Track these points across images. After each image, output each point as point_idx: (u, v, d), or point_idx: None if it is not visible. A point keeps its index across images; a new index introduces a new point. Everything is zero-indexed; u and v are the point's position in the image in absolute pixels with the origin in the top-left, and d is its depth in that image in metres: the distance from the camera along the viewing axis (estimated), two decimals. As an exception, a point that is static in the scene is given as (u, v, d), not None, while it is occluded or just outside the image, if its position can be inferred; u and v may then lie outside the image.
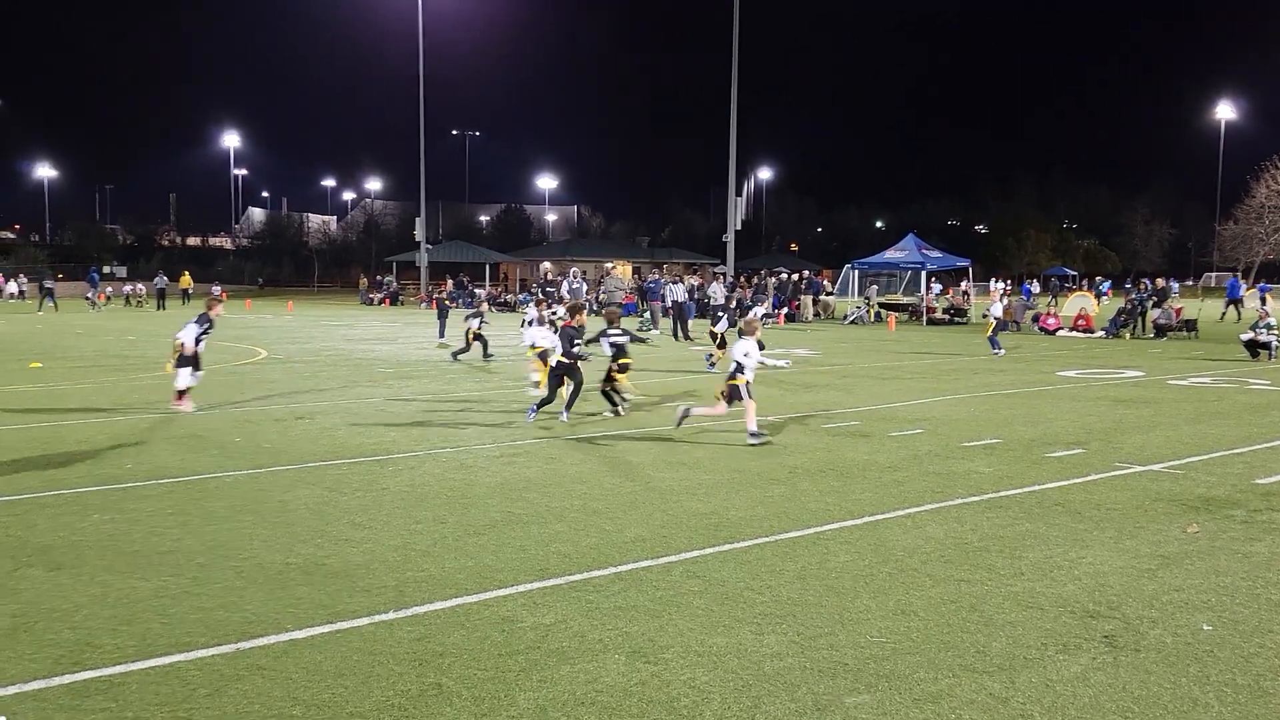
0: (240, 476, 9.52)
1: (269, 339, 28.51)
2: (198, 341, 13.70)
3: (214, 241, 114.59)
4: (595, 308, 37.12)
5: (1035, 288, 52.01)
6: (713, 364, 19.22)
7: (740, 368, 11.60)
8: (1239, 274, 68.16)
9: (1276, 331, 22.68)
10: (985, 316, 27.08)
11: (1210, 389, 16.55)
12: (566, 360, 13.19)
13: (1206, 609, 5.86)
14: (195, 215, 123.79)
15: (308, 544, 7.21)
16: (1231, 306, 40.71)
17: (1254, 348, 22.42)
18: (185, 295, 57.33)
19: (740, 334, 11.97)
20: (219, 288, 50.41)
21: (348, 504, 8.46)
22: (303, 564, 6.74)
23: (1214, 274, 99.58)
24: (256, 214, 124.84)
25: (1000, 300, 27.17)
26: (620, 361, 13.83)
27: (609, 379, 13.81)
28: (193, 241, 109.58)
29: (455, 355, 21.48)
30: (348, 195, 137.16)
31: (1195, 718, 4.46)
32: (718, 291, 33.86)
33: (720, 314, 21.08)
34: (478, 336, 21.09)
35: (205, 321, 13.83)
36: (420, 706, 4.57)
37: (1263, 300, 27.74)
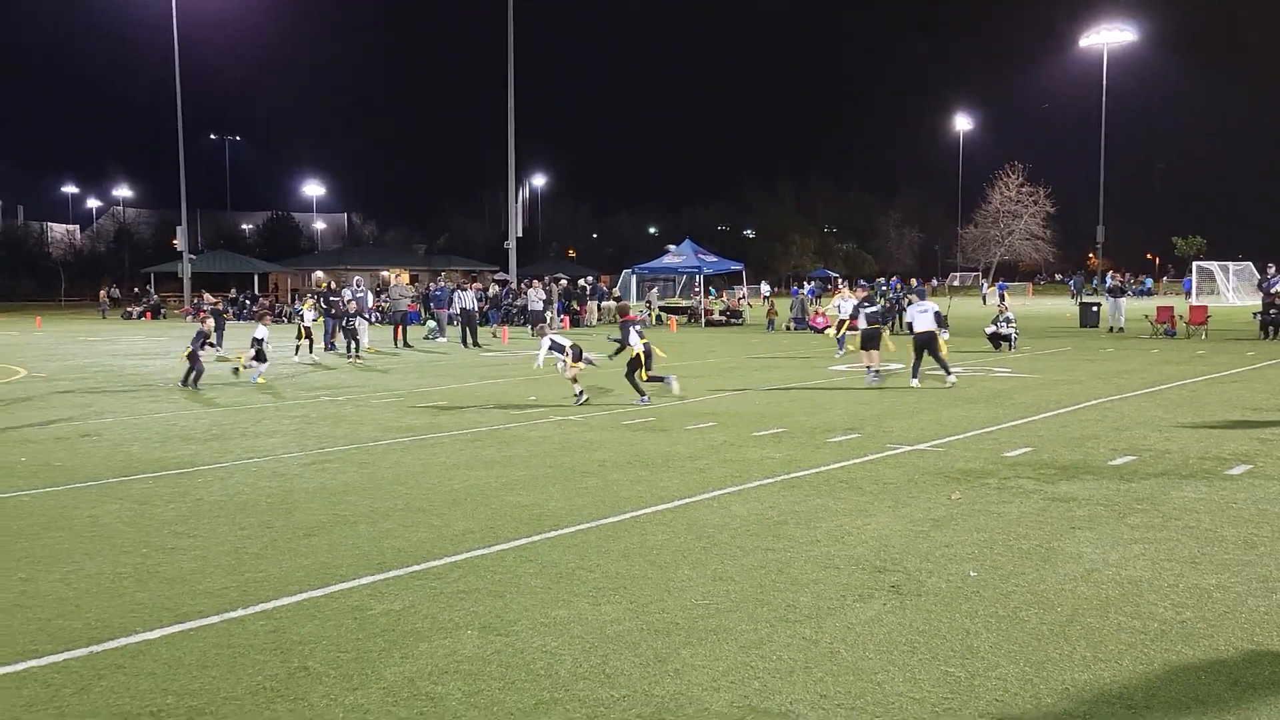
0: (37, 495, 9.21)
1: (24, 356, 26.66)
2: None
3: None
4: (379, 317, 36.65)
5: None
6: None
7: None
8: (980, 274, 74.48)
9: (1015, 325, 25.31)
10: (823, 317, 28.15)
11: (961, 378, 18.37)
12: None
13: (971, 559, 6.85)
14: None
15: (132, 554, 7.18)
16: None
17: (996, 340, 24.92)
18: None
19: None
20: None
21: (164, 515, 8.40)
22: (133, 573, 6.74)
23: (959, 274, 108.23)
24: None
25: (845, 299, 27.40)
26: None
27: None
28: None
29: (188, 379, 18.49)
30: (93, 203, 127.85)
31: (968, 643, 5.32)
32: (535, 297, 34.19)
33: (541, 319, 21.45)
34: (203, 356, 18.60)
35: None
36: (291, 687, 4.84)
37: (1001, 297, 30.71)
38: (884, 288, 41.92)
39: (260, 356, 19.31)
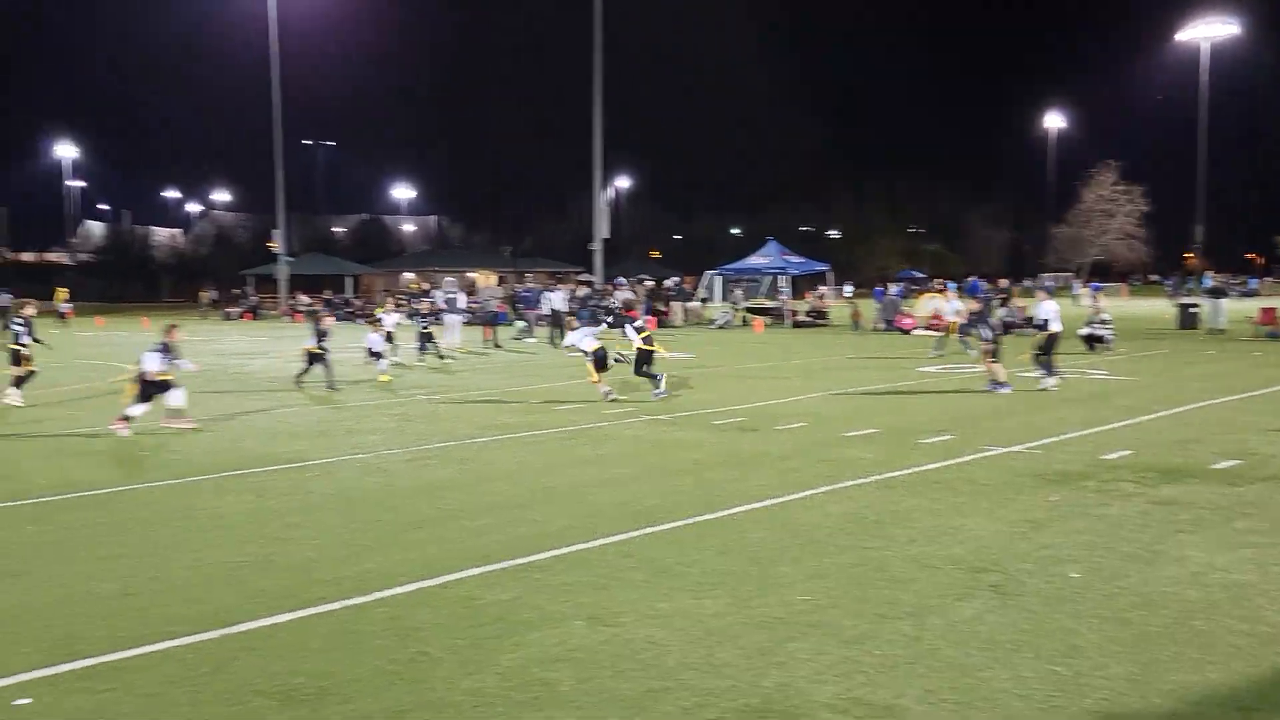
0: (161, 487, 9.68)
1: (134, 356, 27.76)
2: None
3: (50, 257, 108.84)
4: (469, 317, 37.28)
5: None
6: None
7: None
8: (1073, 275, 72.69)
9: (1111, 326, 24.78)
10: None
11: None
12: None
13: (1073, 561, 6.82)
14: (29, 230, 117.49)
15: (252, 544, 7.53)
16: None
17: (1091, 341, 24.42)
18: (59, 314, 48.49)
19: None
20: (5, 296, 47.71)
21: (279, 507, 8.77)
22: (254, 561, 7.08)
23: (1050, 275, 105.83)
24: (95, 227, 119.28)
25: (950, 301, 27.19)
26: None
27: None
28: (27, 257, 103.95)
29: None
30: (193, 207, 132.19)
31: (1073, 643, 5.34)
32: (621, 298, 34.27)
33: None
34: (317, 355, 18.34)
35: (167, 349, 13.38)
36: (412, 670, 5.08)
37: (1095, 299, 30.05)
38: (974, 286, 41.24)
39: (377, 355, 20.02)
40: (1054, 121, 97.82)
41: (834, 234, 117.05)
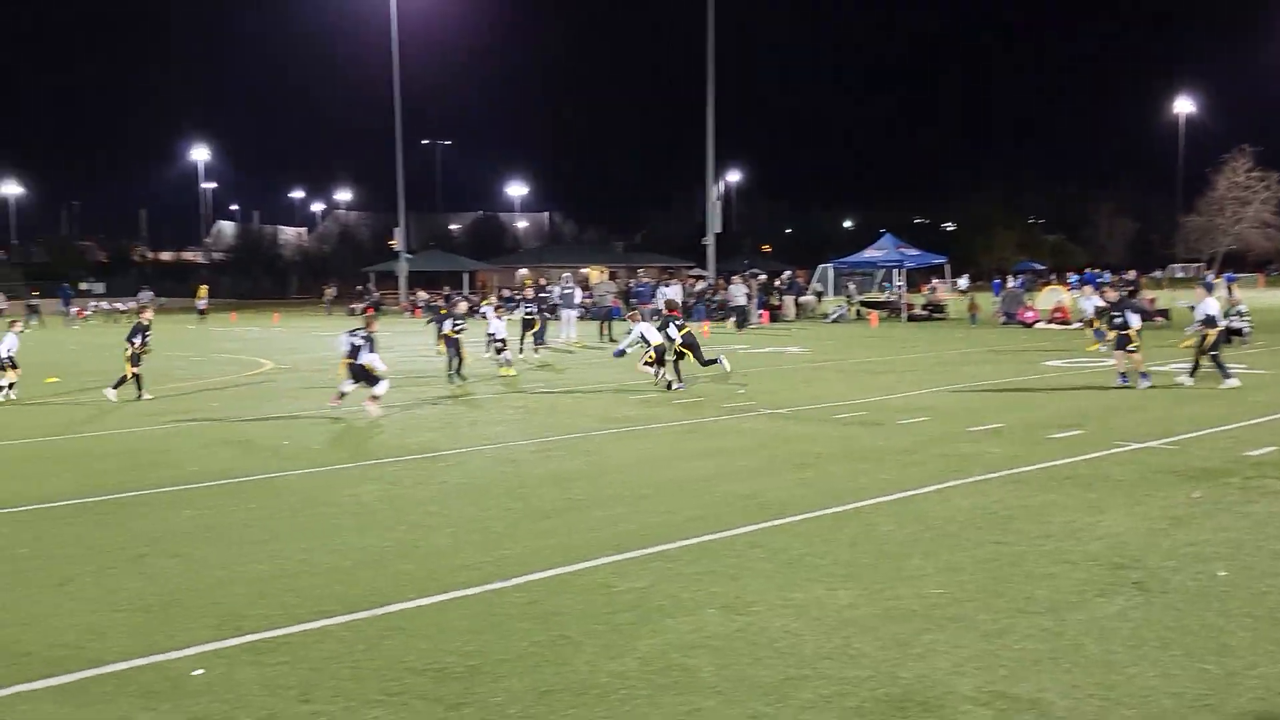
0: (303, 475, 10.12)
1: (268, 350, 28.92)
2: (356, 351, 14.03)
3: (186, 256, 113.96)
4: (587, 311, 37.71)
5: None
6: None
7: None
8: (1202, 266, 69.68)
9: (1248, 318, 23.73)
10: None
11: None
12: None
13: (1219, 559, 6.62)
14: (166, 230, 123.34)
15: (393, 530, 7.83)
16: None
17: (1228, 334, 23.39)
18: (204, 311, 50.22)
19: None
20: (146, 295, 49.86)
21: (415, 495, 9.09)
22: (396, 547, 7.37)
23: (1179, 265, 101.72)
24: (226, 227, 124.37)
25: (1093, 296, 26.51)
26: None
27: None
28: (165, 256, 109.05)
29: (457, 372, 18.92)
30: (316, 207, 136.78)
31: (1223, 641, 5.20)
32: (738, 293, 34.34)
33: (744, 315, 21.98)
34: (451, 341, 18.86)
35: (365, 336, 14.11)
36: (555, 653, 5.24)
37: (1229, 290, 28.81)
38: (1100, 278, 39.96)
39: (499, 349, 20.38)
40: (1184, 107, 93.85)
41: (949, 226, 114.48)
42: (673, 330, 17.11)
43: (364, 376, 14.13)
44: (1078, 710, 4.46)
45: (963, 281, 71.82)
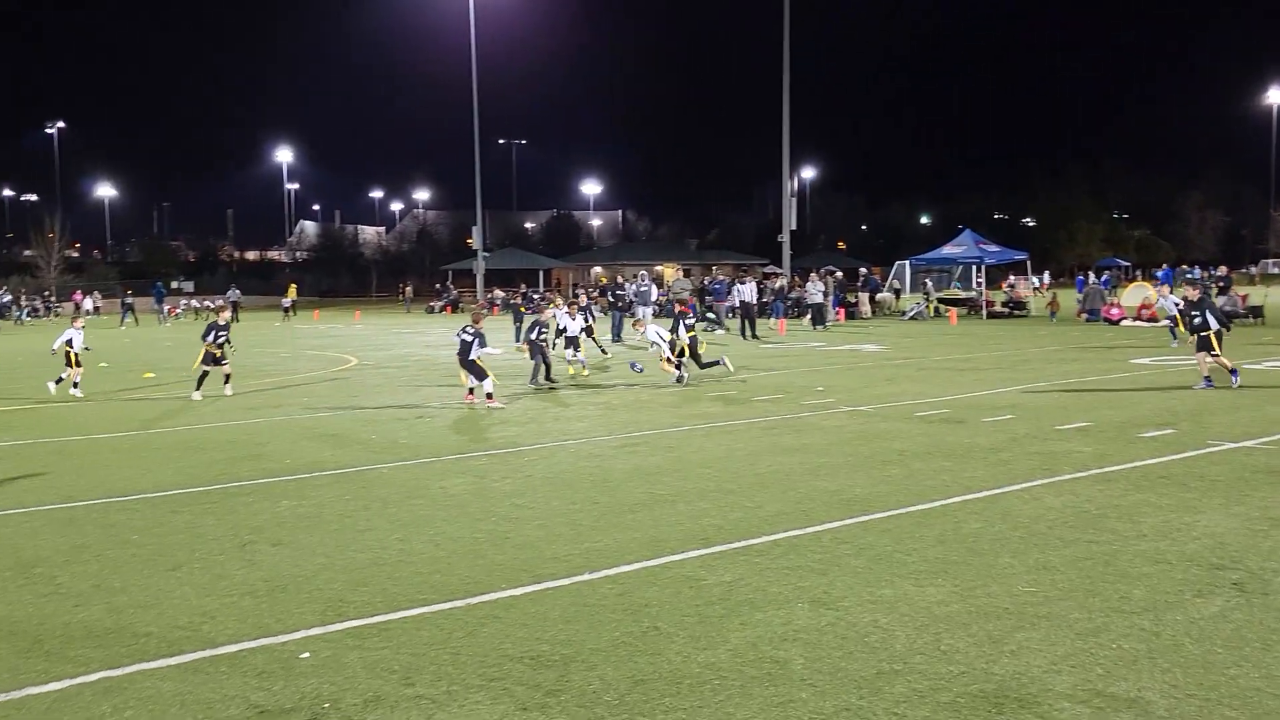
0: (393, 468, 10.37)
1: (352, 347, 29.58)
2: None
3: (270, 255, 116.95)
4: (662, 309, 37.83)
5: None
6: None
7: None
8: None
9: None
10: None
11: (1287, 372, 16.94)
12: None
13: (1322, 561, 6.46)
14: (251, 230, 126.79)
15: (483, 522, 8.01)
16: None
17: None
18: (292, 308, 52.24)
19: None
20: (226, 295, 51.19)
21: (502, 488, 9.27)
22: (487, 538, 7.54)
23: (1271, 260, 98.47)
24: (309, 227, 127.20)
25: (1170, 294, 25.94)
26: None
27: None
28: (250, 255, 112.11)
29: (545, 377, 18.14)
30: (395, 206, 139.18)
31: (1329, 645, 5.09)
32: (815, 290, 34.10)
33: (821, 312, 22.02)
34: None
35: (474, 332, 14.96)
36: (647, 643, 5.33)
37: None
38: (1188, 274, 38.89)
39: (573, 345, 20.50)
40: (1277, 96, 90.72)
41: (1029, 221, 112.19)
42: (682, 329, 17.75)
43: (474, 370, 14.98)
44: (1178, 710, 4.41)
45: (1035, 279, 70.30)
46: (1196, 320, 15.49)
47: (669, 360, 17.49)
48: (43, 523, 8.27)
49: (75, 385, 17.11)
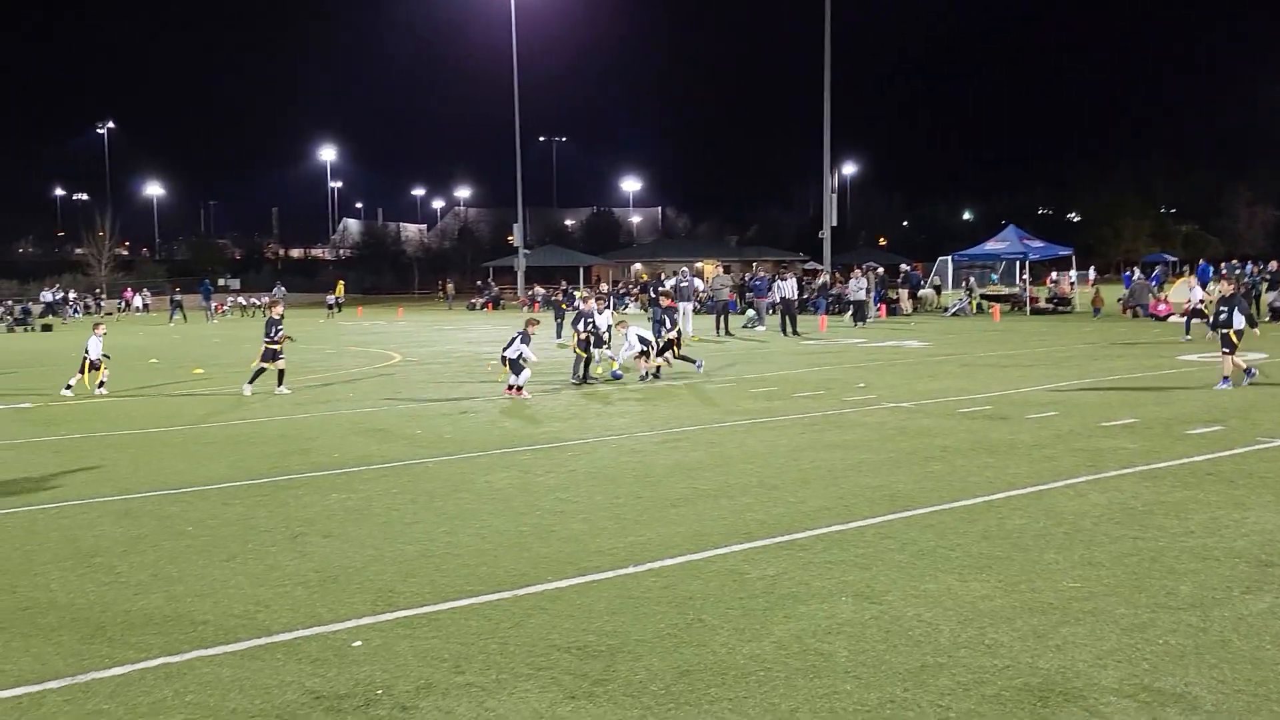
0: (439, 462, 10.52)
1: (395, 344, 29.89)
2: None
3: (314, 252, 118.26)
4: (702, 305, 37.83)
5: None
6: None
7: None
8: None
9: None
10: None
11: (1339, 369, 16.65)
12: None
13: (1374, 558, 6.39)
14: (295, 228, 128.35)
15: (528, 515, 8.11)
16: None
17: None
18: (337, 305, 52.73)
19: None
20: (279, 290, 52.00)
21: (546, 483, 9.37)
22: (533, 531, 7.64)
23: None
24: (353, 225, 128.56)
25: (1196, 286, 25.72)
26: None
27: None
28: (295, 253, 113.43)
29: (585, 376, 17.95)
30: (437, 204, 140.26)
31: (1380, 642, 5.05)
32: (857, 287, 33.92)
33: (863, 309, 22.02)
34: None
35: (522, 335, 15.85)
36: (692, 635, 5.40)
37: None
38: (1238, 270, 38.25)
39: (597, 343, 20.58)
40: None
41: (1073, 217, 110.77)
42: (668, 323, 18.41)
43: (514, 367, 15.62)
44: (1225, 705, 4.41)
45: (1074, 274, 69.30)
46: (1222, 316, 15.20)
47: (644, 355, 17.65)
48: (100, 514, 8.49)
49: (101, 385, 17.25)
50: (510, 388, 15.77)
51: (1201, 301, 25.76)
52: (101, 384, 17.32)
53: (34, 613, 5.99)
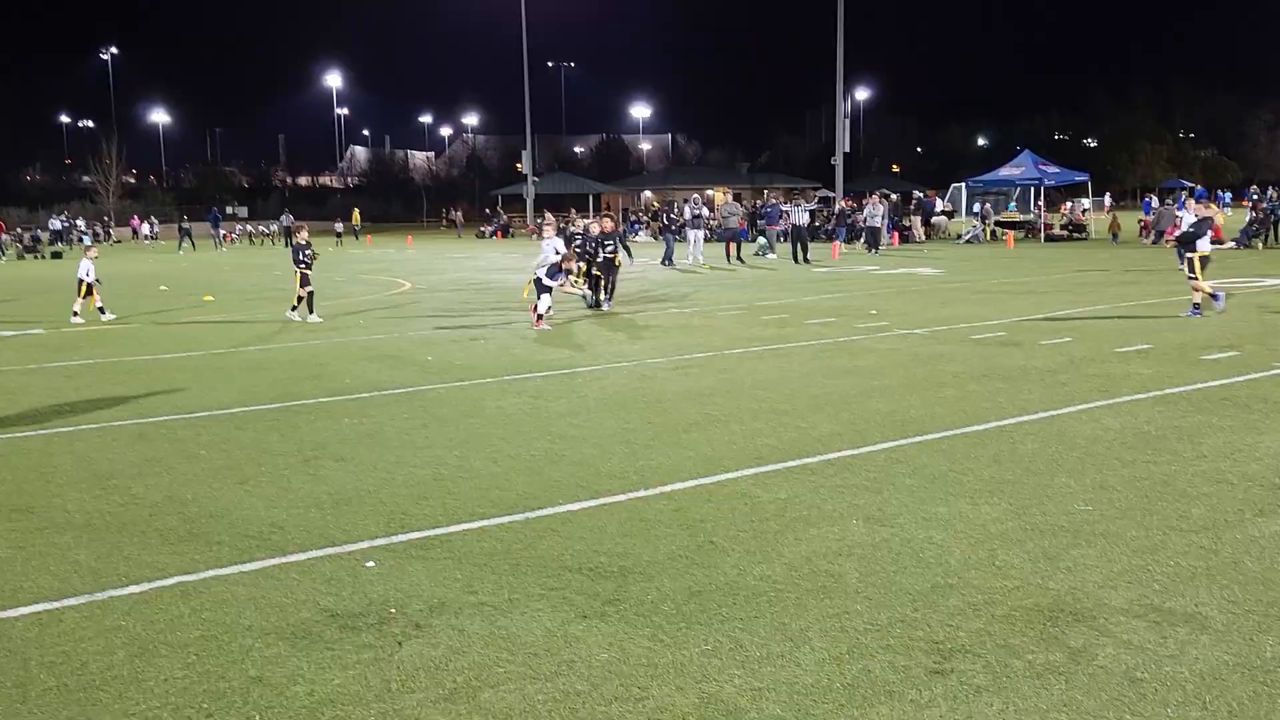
0: (450, 388, 10.53)
1: (405, 271, 29.86)
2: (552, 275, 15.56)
3: (322, 180, 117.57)
4: (713, 232, 37.60)
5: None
6: None
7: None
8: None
9: None
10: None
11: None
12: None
13: (1388, 482, 6.36)
14: (302, 155, 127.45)
15: (539, 440, 8.12)
16: None
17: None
18: (355, 233, 59.06)
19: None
20: (280, 220, 53.12)
21: (557, 408, 9.38)
22: (544, 455, 7.65)
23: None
24: (360, 152, 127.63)
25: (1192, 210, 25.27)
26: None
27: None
28: (303, 181, 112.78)
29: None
30: (445, 131, 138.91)
31: (1393, 564, 5.04)
32: (874, 214, 33.52)
33: (876, 236, 21.56)
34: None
35: (560, 269, 15.69)
36: (704, 557, 5.42)
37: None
38: (1256, 196, 37.72)
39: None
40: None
41: (1090, 142, 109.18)
42: (602, 252, 17.80)
43: (540, 288, 15.49)
44: (1236, 625, 4.41)
45: (1086, 202, 68.52)
46: (1191, 237, 14.93)
47: (572, 283, 16.89)
48: (114, 438, 8.54)
49: (101, 310, 17.48)
50: (539, 317, 15.36)
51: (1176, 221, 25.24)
52: (101, 309, 17.45)
53: (51, 532, 6.05)
